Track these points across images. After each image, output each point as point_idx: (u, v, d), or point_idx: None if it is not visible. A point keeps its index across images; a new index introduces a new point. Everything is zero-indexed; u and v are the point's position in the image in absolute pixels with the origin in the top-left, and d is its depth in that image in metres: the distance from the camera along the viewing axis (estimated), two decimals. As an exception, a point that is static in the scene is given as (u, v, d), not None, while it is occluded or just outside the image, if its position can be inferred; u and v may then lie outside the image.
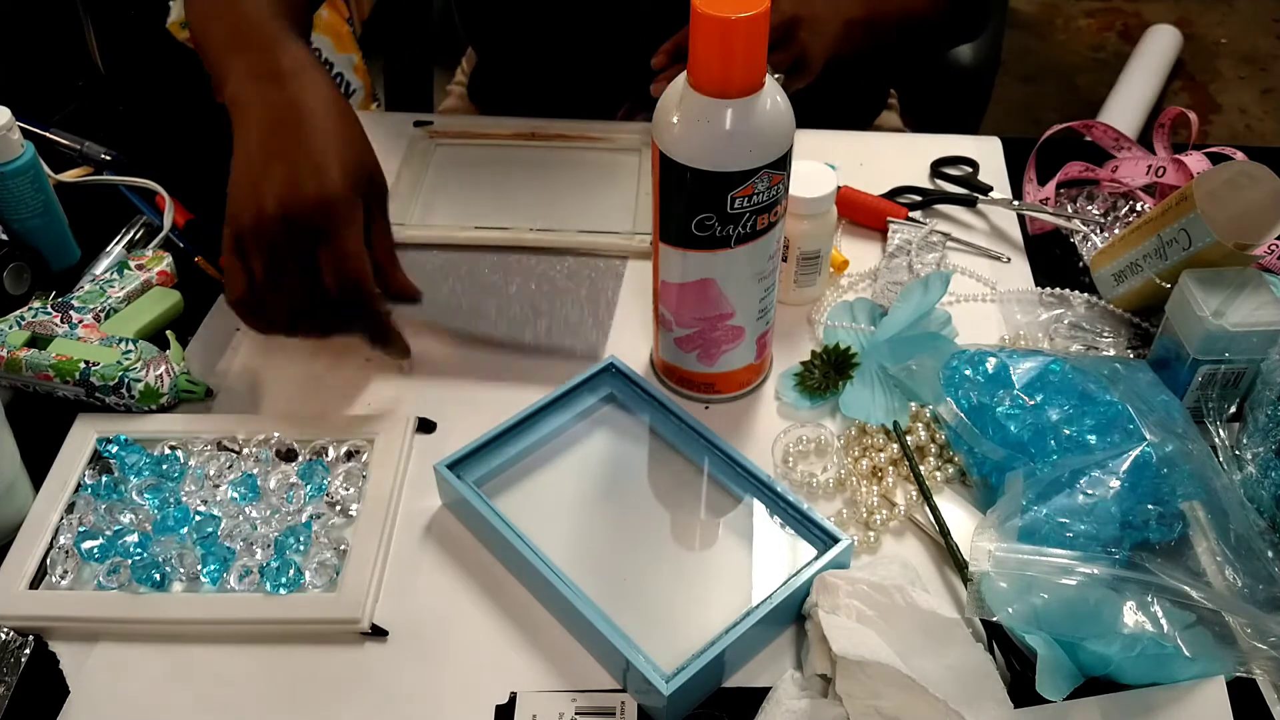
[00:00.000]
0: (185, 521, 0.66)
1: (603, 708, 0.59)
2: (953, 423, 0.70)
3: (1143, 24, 2.55)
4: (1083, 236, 0.88)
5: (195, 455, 0.71)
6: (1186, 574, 0.60)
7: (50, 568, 0.65)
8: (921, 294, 0.76)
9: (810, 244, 0.78)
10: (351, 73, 1.76)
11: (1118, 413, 0.67)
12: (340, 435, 0.72)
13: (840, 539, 0.63)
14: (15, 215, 0.83)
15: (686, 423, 0.70)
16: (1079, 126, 0.95)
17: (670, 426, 0.72)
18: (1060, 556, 0.60)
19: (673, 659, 0.58)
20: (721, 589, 0.64)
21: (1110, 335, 0.79)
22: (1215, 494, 0.65)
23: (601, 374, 0.74)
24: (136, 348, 0.74)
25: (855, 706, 0.56)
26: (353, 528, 0.67)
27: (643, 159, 0.94)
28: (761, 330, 0.72)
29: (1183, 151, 0.89)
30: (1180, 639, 0.57)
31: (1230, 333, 0.68)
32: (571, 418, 0.73)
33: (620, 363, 0.74)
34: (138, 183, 0.92)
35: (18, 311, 0.77)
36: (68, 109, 1.03)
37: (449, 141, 0.97)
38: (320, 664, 0.62)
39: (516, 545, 0.63)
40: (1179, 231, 0.73)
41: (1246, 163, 0.75)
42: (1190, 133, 0.92)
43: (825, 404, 0.75)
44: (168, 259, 0.83)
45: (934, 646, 0.59)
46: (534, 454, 0.71)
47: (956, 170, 0.95)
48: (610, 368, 0.74)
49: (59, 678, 0.61)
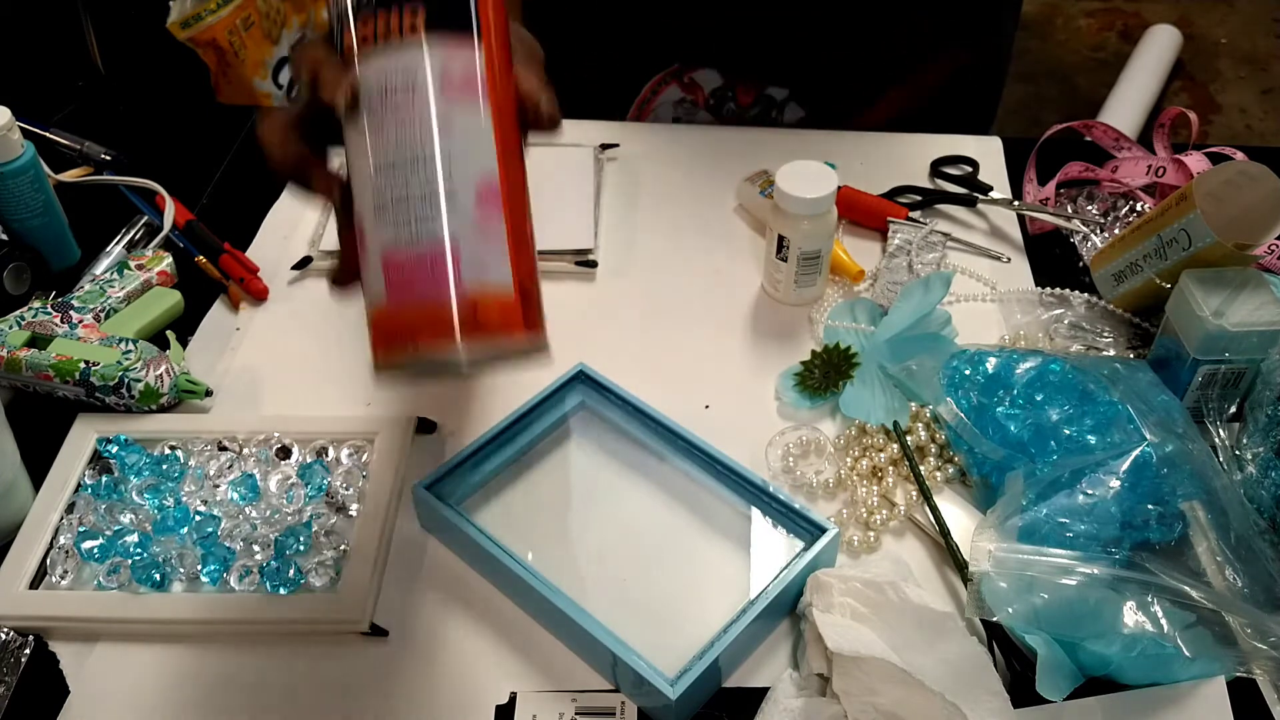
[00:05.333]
0: (185, 521, 0.66)
1: (603, 708, 0.59)
2: (953, 423, 0.70)
3: (1143, 24, 2.55)
4: (1083, 236, 0.88)
5: (195, 455, 0.71)
6: (1186, 574, 0.60)
7: (50, 568, 0.65)
8: (922, 294, 0.76)
9: (810, 244, 0.78)
10: (351, 73, 1.76)
11: (1118, 413, 0.67)
12: (340, 435, 0.72)
13: (827, 529, 0.63)
14: (15, 215, 0.83)
15: (662, 424, 0.70)
16: (1079, 126, 0.95)
17: (646, 428, 0.71)
18: (1060, 556, 0.60)
19: (673, 661, 0.58)
20: (714, 588, 0.64)
21: (1110, 335, 0.79)
22: (1215, 494, 0.65)
23: (572, 381, 0.73)
24: (136, 348, 0.74)
25: (852, 704, 0.56)
26: (353, 528, 0.67)
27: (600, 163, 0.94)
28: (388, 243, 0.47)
29: (1183, 151, 0.89)
30: (1180, 639, 0.57)
31: (1230, 333, 0.68)
32: (547, 427, 0.72)
33: (590, 369, 0.74)
34: (138, 183, 0.92)
35: (18, 311, 0.77)
36: (68, 109, 1.03)
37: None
38: (320, 664, 0.62)
39: (504, 562, 0.63)
40: (1179, 231, 0.73)
41: (1246, 163, 0.75)
42: (1190, 133, 0.92)
43: (825, 404, 0.75)
44: (168, 259, 0.83)
45: (928, 640, 0.59)
46: (511, 467, 0.70)
47: (956, 170, 0.95)
48: (580, 374, 0.74)
49: (59, 678, 0.61)
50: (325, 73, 0.48)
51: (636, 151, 0.97)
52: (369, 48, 0.47)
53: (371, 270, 0.47)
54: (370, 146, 0.47)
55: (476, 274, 0.47)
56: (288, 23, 1.62)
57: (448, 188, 0.46)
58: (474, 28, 0.47)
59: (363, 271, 0.49)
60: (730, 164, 0.94)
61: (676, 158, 0.96)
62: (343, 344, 0.81)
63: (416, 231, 0.46)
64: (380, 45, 0.46)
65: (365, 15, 0.46)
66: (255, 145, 0.54)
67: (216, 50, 1.48)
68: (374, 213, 0.47)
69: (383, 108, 0.47)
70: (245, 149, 1.00)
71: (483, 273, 0.47)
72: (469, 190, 0.47)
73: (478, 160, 0.47)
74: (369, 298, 0.48)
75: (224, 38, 1.48)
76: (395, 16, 0.46)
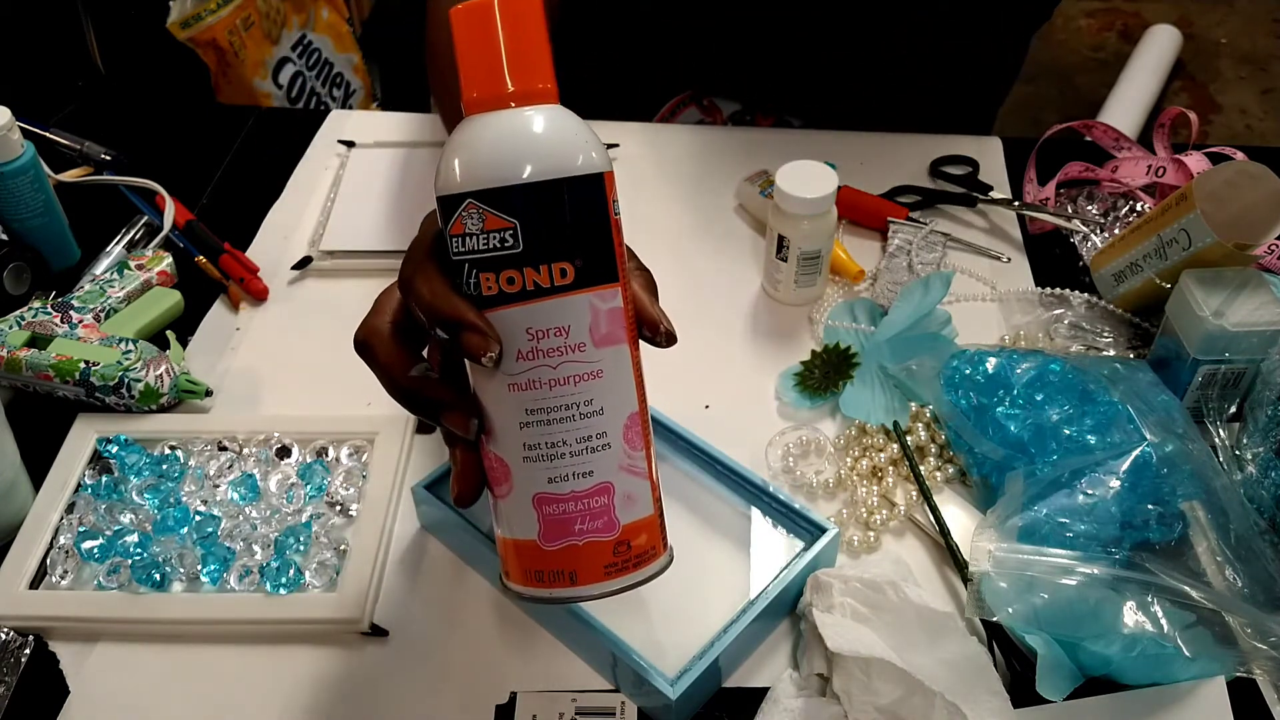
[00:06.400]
0: (185, 521, 0.66)
1: (603, 708, 0.59)
2: (953, 423, 0.70)
3: (1143, 24, 2.55)
4: (1083, 236, 0.88)
5: (195, 455, 0.71)
6: (1186, 574, 0.60)
7: (50, 568, 0.65)
8: (921, 294, 0.76)
9: (810, 244, 0.78)
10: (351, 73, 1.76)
11: (1118, 413, 0.67)
12: (340, 435, 0.72)
13: (827, 529, 0.63)
14: (15, 215, 0.83)
15: (662, 424, 0.70)
16: (1079, 126, 0.95)
17: None
18: (1060, 556, 0.60)
19: (673, 661, 0.58)
20: (714, 588, 0.64)
21: (1110, 335, 0.79)
22: (1215, 494, 0.65)
23: None
24: (136, 348, 0.74)
25: (853, 704, 0.56)
26: (353, 528, 0.67)
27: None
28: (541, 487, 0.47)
29: (1183, 151, 0.89)
30: (1180, 639, 0.57)
31: (1230, 333, 0.68)
32: None
33: None
34: (138, 183, 0.92)
35: (18, 311, 0.77)
36: (68, 109, 1.03)
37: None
38: (320, 664, 0.62)
39: None
40: (1179, 231, 0.73)
41: (1246, 163, 0.75)
42: (1190, 133, 0.92)
43: (825, 404, 0.75)
44: (168, 259, 0.83)
45: (928, 640, 0.59)
46: None
47: (956, 170, 0.95)
48: None
49: (59, 678, 0.61)
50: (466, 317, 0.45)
51: (637, 151, 0.97)
52: (515, 298, 0.45)
53: (517, 508, 0.48)
54: (518, 396, 0.46)
55: (629, 511, 0.48)
56: (288, 23, 1.63)
57: (603, 435, 0.47)
58: (617, 273, 0.47)
59: (501, 502, 0.49)
60: (730, 164, 0.94)
61: (676, 158, 0.96)
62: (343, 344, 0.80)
63: (574, 480, 0.47)
64: (528, 295, 0.45)
65: (510, 270, 0.45)
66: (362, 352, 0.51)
67: (216, 50, 1.48)
68: (523, 459, 0.47)
69: (533, 357, 0.46)
70: (245, 149, 1.00)
71: (633, 507, 0.48)
72: (618, 432, 0.47)
73: (623, 399, 0.48)
74: (511, 530, 0.49)
75: (224, 38, 1.48)
76: (545, 271, 0.45)
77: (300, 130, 1.00)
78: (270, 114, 1.17)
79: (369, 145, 0.98)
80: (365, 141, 0.98)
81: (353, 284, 0.85)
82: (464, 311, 0.45)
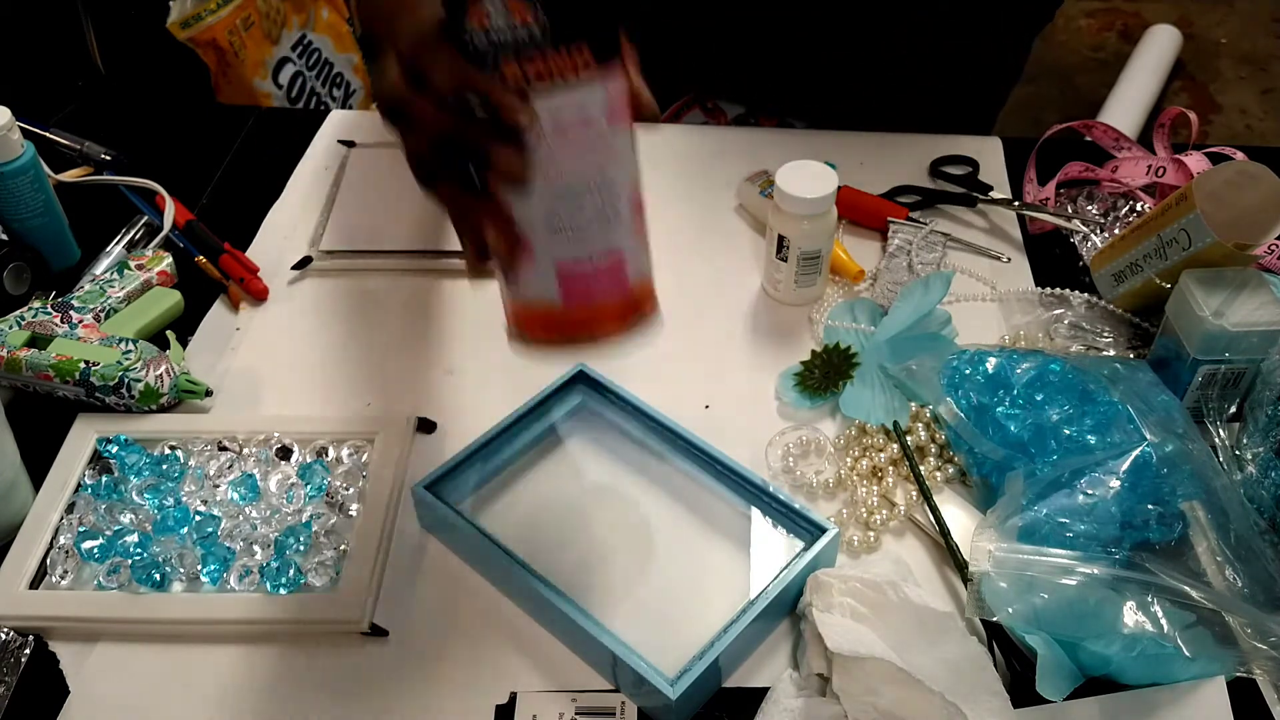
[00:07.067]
0: (185, 521, 0.66)
1: (603, 708, 0.59)
2: (953, 423, 0.70)
3: (1143, 24, 2.55)
4: (1083, 236, 0.88)
5: (195, 455, 0.71)
6: (1186, 574, 0.60)
7: (50, 568, 0.65)
8: (921, 294, 0.76)
9: (810, 244, 0.78)
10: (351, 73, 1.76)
11: (1118, 413, 0.67)
12: (340, 435, 0.72)
13: (827, 529, 0.63)
14: (15, 215, 0.83)
15: (662, 424, 0.70)
16: (1079, 126, 0.95)
17: (646, 428, 0.71)
18: (1060, 556, 0.60)
19: (673, 661, 0.58)
20: (714, 588, 0.64)
21: (1110, 335, 0.79)
22: (1215, 494, 0.65)
23: (572, 381, 0.73)
24: (136, 348, 0.74)
25: (852, 703, 0.56)
26: (353, 528, 0.67)
27: None
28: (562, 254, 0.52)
29: (1183, 151, 0.89)
30: (1180, 639, 0.57)
31: (1230, 333, 0.68)
32: (547, 427, 0.72)
33: (590, 369, 0.74)
34: (138, 183, 0.92)
35: (18, 311, 0.77)
36: (68, 109, 1.03)
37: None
38: (320, 664, 0.62)
39: (504, 562, 0.63)
40: (1179, 231, 0.73)
41: (1246, 163, 0.75)
42: (1190, 133, 0.92)
43: (825, 404, 0.75)
44: (168, 259, 0.83)
45: (928, 640, 0.59)
46: (511, 467, 0.70)
47: (956, 170, 0.95)
48: (580, 374, 0.74)
49: (59, 678, 0.61)
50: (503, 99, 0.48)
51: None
52: (541, 83, 0.49)
53: (540, 275, 0.53)
54: (544, 173, 0.50)
55: (637, 273, 0.55)
56: (288, 23, 1.63)
57: (617, 207, 0.52)
58: (622, 52, 0.51)
59: (522, 271, 0.53)
60: (730, 164, 0.94)
61: (677, 158, 0.96)
62: (343, 344, 0.81)
63: (594, 248, 0.52)
64: (551, 82, 0.49)
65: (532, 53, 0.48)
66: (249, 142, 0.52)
67: (216, 50, 1.48)
68: (548, 231, 0.52)
69: (555, 139, 0.50)
70: (245, 149, 1.00)
71: (639, 270, 0.55)
72: (627, 203, 0.53)
73: (629, 173, 0.53)
74: (530, 294, 0.54)
75: (224, 38, 1.48)
76: (564, 56, 0.49)
77: (300, 130, 1.00)
78: (270, 114, 1.17)
79: (369, 145, 0.98)
80: (365, 141, 0.98)
81: (353, 284, 0.85)
82: (492, 83, 0.48)
